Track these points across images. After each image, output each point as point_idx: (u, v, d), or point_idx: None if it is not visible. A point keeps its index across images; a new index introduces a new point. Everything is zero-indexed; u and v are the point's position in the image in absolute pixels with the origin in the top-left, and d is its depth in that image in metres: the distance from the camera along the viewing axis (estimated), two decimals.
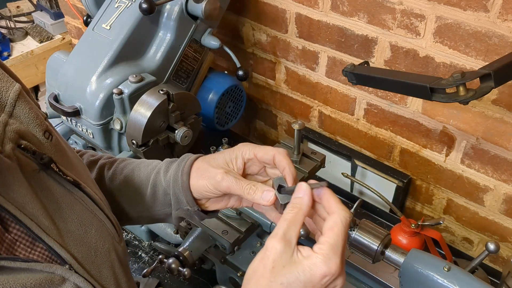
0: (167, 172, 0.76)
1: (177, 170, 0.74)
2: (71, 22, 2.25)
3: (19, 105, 0.57)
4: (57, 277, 0.52)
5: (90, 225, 0.60)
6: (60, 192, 0.58)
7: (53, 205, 0.56)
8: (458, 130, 1.24)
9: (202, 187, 0.71)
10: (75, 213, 0.59)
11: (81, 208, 0.60)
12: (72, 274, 0.53)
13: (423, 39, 1.17)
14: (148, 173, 0.78)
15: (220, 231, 1.03)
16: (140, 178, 0.79)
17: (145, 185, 0.78)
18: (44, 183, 0.56)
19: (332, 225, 0.56)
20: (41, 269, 0.51)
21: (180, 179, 0.72)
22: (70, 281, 0.53)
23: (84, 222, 0.60)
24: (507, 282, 0.99)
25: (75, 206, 0.59)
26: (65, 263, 0.54)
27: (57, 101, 1.24)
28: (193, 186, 0.72)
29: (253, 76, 1.66)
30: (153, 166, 0.80)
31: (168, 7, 1.25)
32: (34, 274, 0.50)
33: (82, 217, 0.60)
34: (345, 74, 1.09)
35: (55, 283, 0.52)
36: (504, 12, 1.02)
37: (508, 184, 1.22)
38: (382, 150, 1.45)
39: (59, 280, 0.52)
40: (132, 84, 1.17)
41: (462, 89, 0.86)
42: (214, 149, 1.04)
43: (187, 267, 0.98)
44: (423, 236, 1.15)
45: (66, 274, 0.53)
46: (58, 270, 0.52)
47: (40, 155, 0.56)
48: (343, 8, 1.28)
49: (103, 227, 0.63)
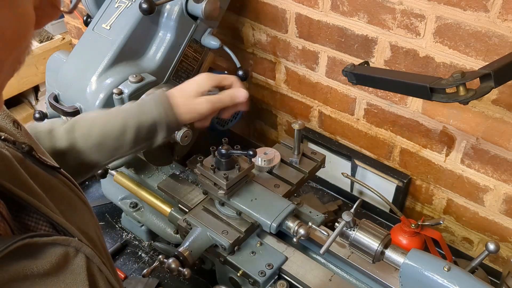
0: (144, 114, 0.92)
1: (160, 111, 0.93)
2: (71, 22, 2.25)
3: None
4: (71, 250, 0.54)
5: (75, 206, 0.64)
6: (46, 177, 0.61)
7: (45, 189, 0.58)
8: (458, 130, 1.24)
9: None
10: (62, 194, 0.62)
11: (66, 190, 0.63)
12: (82, 245, 0.55)
13: (423, 39, 1.17)
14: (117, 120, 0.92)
15: (220, 231, 1.03)
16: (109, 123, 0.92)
17: (116, 127, 0.91)
18: (32, 170, 0.58)
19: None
20: (60, 242, 0.53)
21: (169, 116, 0.93)
22: (81, 252, 0.55)
23: (71, 203, 0.63)
24: (507, 282, 0.99)
25: (61, 189, 0.62)
26: (73, 236, 0.56)
27: (57, 101, 1.24)
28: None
29: (253, 76, 1.66)
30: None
31: (168, 7, 1.25)
32: (56, 249, 0.52)
33: (69, 198, 0.63)
34: (345, 74, 1.09)
35: (71, 256, 0.53)
36: (504, 12, 1.02)
37: (508, 184, 1.22)
38: (382, 150, 1.45)
39: (73, 253, 0.54)
40: (132, 84, 1.17)
41: (462, 89, 0.86)
42: (214, 149, 1.04)
43: (187, 267, 0.98)
44: (423, 236, 1.16)
45: (78, 245, 0.55)
46: (72, 242, 0.54)
47: (20, 145, 0.58)
48: (343, 8, 1.28)
49: (84, 206, 0.66)
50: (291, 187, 1.13)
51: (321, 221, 1.08)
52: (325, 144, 1.53)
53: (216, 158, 1.04)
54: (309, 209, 1.10)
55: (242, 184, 1.07)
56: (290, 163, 1.19)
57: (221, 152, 1.02)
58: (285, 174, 1.16)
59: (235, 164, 1.03)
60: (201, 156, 1.08)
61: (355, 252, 0.93)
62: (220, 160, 1.03)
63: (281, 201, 1.05)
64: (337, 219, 0.94)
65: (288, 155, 1.20)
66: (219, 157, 1.03)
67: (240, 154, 1.02)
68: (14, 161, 0.55)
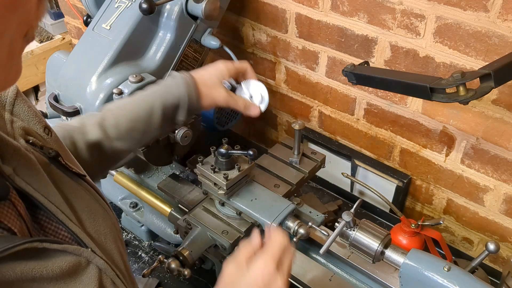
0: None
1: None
2: (71, 22, 2.25)
3: (18, 103, 0.59)
4: (83, 260, 0.54)
5: (97, 214, 0.64)
6: (70, 183, 0.61)
7: (68, 195, 0.59)
8: (458, 130, 1.24)
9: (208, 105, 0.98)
10: (84, 202, 0.62)
11: (89, 198, 0.64)
12: (95, 256, 0.56)
13: (423, 39, 1.17)
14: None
15: (220, 231, 1.03)
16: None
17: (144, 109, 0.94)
18: (56, 175, 0.59)
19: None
20: (71, 251, 0.53)
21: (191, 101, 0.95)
22: (93, 263, 0.55)
23: (93, 211, 0.63)
24: (507, 282, 0.99)
25: (83, 196, 0.63)
26: (87, 247, 0.56)
27: (57, 101, 1.24)
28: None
29: None
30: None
31: (168, 7, 1.25)
32: (66, 257, 0.52)
33: (90, 206, 0.63)
34: (345, 74, 1.09)
35: (82, 266, 0.54)
36: (504, 12, 1.02)
37: (508, 184, 1.22)
38: (382, 150, 1.45)
39: (85, 263, 0.54)
40: (132, 84, 1.17)
41: (462, 89, 0.86)
42: (214, 149, 1.04)
43: (187, 267, 0.98)
44: (423, 236, 1.16)
45: (90, 256, 0.55)
46: (84, 252, 0.55)
47: (47, 150, 0.59)
48: (343, 8, 1.28)
49: (107, 216, 0.66)
50: (291, 187, 1.13)
51: (321, 221, 1.08)
52: (325, 144, 1.53)
53: (216, 158, 1.04)
54: (309, 209, 1.10)
55: (242, 184, 1.07)
56: (290, 163, 1.19)
57: (221, 152, 1.02)
58: (285, 174, 1.16)
59: (235, 164, 1.03)
60: (201, 156, 1.08)
61: (355, 252, 0.93)
62: (220, 160, 1.03)
63: (281, 201, 1.05)
64: (337, 219, 0.94)
65: (288, 155, 1.20)
66: (219, 157, 1.03)
67: (240, 154, 1.02)
68: (38, 165, 0.56)
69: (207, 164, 1.05)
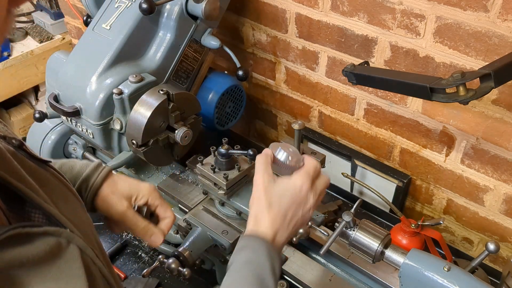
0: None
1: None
2: (71, 22, 2.25)
3: None
4: (63, 241, 0.54)
5: (68, 197, 0.65)
6: (38, 170, 0.62)
7: (39, 181, 0.59)
8: (458, 130, 1.24)
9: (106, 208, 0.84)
10: (55, 188, 0.63)
11: (58, 183, 0.65)
12: (74, 236, 0.56)
13: (423, 39, 1.17)
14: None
15: (220, 231, 1.03)
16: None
17: None
18: (25, 163, 0.60)
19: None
20: (51, 233, 0.53)
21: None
22: (73, 243, 0.55)
23: (64, 196, 0.64)
24: (507, 282, 0.99)
25: (52, 181, 0.64)
26: (65, 228, 0.56)
27: (57, 101, 1.24)
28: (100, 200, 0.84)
29: (253, 76, 1.66)
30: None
31: (168, 7, 1.25)
32: (48, 238, 0.52)
33: (61, 191, 0.64)
34: (345, 74, 1.09)
35: (63, 247, 0.54)
36: (504, 12, 1.02)
37: (508, 184, 1.22)
38: (382, 150, 1.45)
39: (66, 243, 0.54)
40: (132, 84, 1.17)
41: (462, 89, 0.86)
42: (214, 149, 1.04)
43: (187, 267, 0.98)
44: (423, 236, 1.16)
45: (69, 236, 0.55)
46: (64, 233, 0.55)
47: (10, 139, 0.60)
48: (343, 8, 1.28)
49: (77, 200, 0.67)
50: None
51: (321, 221, 1.08)
52: (325, 144, 1.53)
53: (216, 158, 1.04)
54: None
55: (242, 184, 1.07)
56: None
57: (221, 152, 1.02)
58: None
59: (235, 164, 1.03)
60: (201, 156, 1.08)
61: (355, 252, 0.93)
62: (220, 160, 1.03)
63: None
64: (337, 219, 0.94)
65: None
66: (219, 157, 1.03)
67: (240, 154, 1.02)
68: (7, 154, 0.56)
69: (207, 164, 1.05)
